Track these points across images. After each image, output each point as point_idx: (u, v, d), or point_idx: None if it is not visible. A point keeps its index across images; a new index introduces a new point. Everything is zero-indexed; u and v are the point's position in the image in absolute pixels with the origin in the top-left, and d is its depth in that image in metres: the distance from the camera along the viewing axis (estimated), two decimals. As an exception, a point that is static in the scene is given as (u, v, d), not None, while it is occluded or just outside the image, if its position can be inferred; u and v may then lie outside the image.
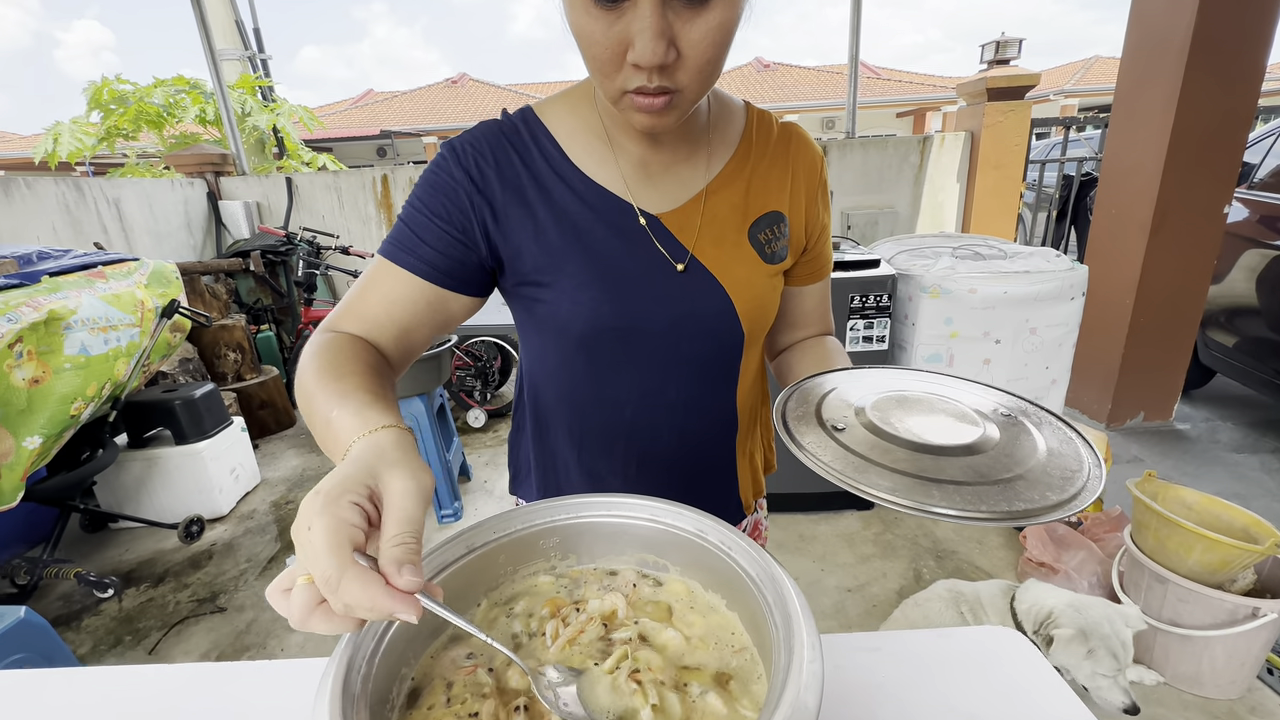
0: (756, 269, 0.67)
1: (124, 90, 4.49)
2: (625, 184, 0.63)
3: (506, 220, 0.61)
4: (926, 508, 0.41)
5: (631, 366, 0.67)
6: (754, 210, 0.67)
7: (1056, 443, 0.49)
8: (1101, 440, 2.04)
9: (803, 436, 0.50)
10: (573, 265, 0.62)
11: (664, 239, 0.64)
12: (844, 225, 3.97)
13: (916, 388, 0.59)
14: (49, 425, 1.93)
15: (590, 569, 0.51)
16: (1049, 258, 2.13)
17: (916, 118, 13.43)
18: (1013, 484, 0.43)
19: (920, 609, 1.67)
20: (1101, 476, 0.44)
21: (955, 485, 0.43)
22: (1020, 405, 0.56)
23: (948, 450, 0.48)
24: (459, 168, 0.60)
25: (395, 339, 0.60)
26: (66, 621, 2.01)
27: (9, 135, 14.05)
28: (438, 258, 0.59)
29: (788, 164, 0.70)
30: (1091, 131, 5.66)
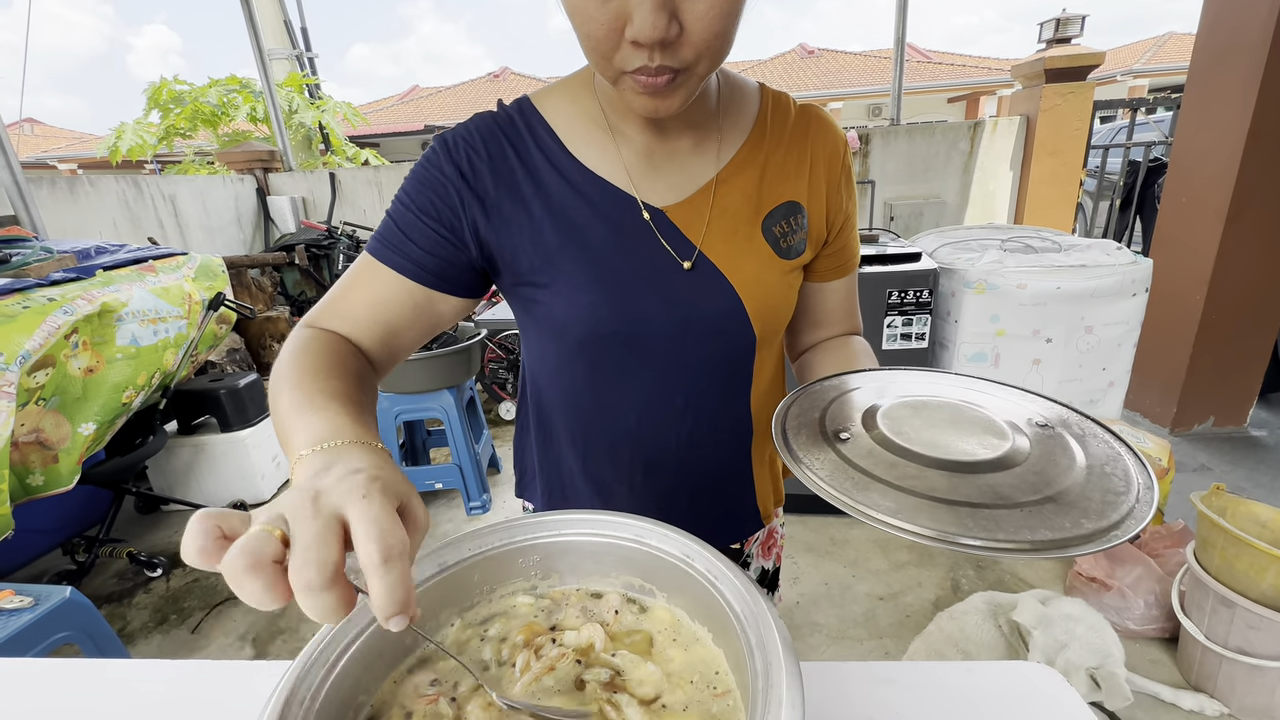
0: (770, 265, 0.62)
1: (181, 91, 4.69)
2: (628, 175, 0.59)
3: (499, 217, 0.58)
4: (929, 534, 0.36)
5: (635, 372, 0.63)
6: (768, 201, 0.62)
7: (1101, 459, 0.43)
8: (1164, 447, 1.90)
9: (799, 445, 0.45)
10: (570, 265, 0.58)
11: (670, 235, 0.60)
12: (886, 217, 3.82)
13: (941, 393, 0.54)
14: (102, 412, 2.03)
15: (574, 589, 0.48)
16: (1109, 250, 1.98)
17: (969, 103, 12.84)
18: (1040, 508, 0.38)
19: (956, 622, 1.58)
20: (1152, 501, 0.38)
21: (970, 508, 0.38)
22: (1062, 414, 0.50)
23: (966, 466, 0.42)
24: (449, 162, 0.57)
25: (380, 341, 0.58)
26: (119, 598, 2.12)
27: (87, 136, 14.97)
28: (425, 257, 0.57)
29: (806, 149, 0.64)
30: (1162, 114, 5.27)
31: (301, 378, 0.47)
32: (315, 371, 0.48)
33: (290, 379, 0.47)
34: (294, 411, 0.43)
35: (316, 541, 0.29)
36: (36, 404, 1.89)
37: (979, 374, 1.83)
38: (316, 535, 0.29)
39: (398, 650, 0.42)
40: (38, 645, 1.28)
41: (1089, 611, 1.38)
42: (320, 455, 0.37)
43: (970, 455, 0.43)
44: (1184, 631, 1.52)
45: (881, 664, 0.62)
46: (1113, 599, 1.69)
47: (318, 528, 0.29)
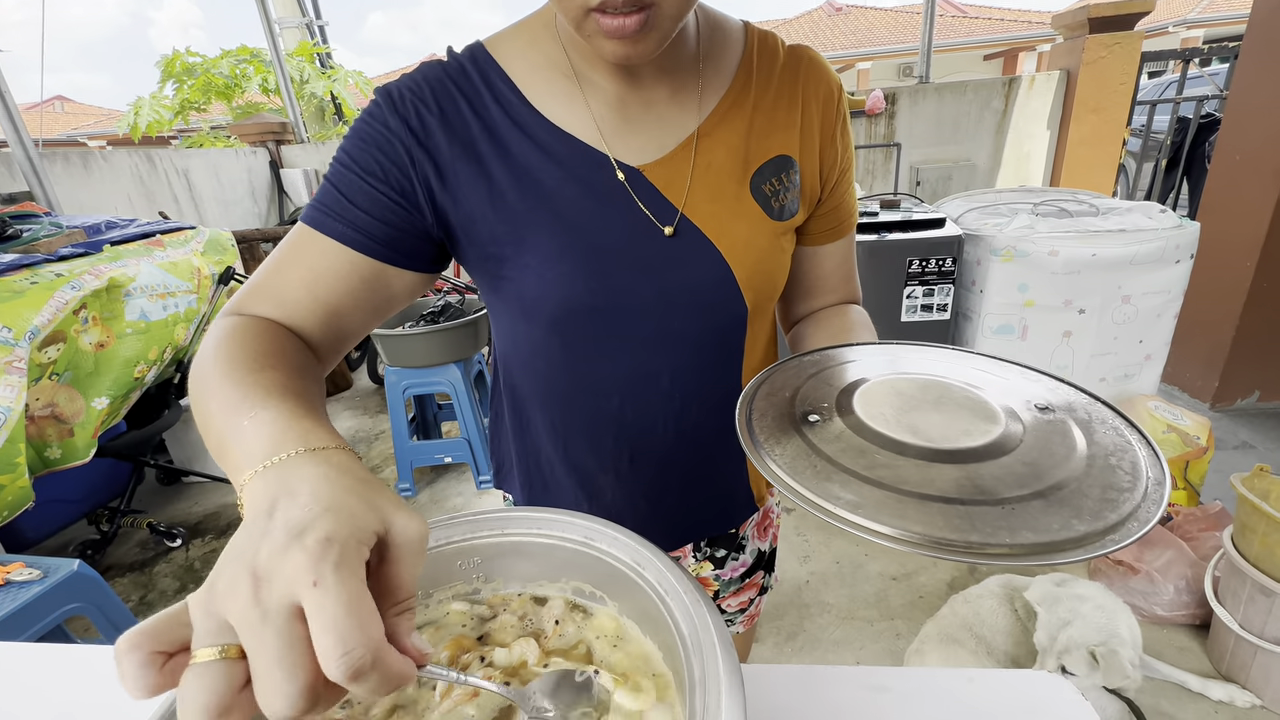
0: (760, 227, 0.56)
1: (193, 62, 4.66)
2: (598, 130, 0.52)
3: (455, 181, 0.51)
4: (889, 532, 0.31)
5: (616, 351, 0.57)
6: (757, 156, 0.55)
7: (1106, 448, 0.37)
8: (1204, 424, 1.79)
9: (762, 429, 0.40)
10: (537, 235, 0.52)
11: (648, 197, 0.53)
12: (912, 182, 3.64)
13: (934, 371, 0.48)
14: (115, 387, 2.05)
15: (515, 595, 0.43)
16: (1151, 213, 1.84)
17: (1007, 60, 12.18)
18: (1025, 505, 0.33)
19: (970, 606, 1.53)
20: (1162, 500, 0.33)
21: (943, 503, 0.33)
22: (1070, 397, 0.44)
23: (946, 455, 0.37)
24: (395, 115, 0.49)
25: (322, 324, 0.51)
26: (140, 567, 2.17)
27: (115, 113, 15.16)
28: (373, 225, 0.49)
29: (797, 95, 0.57)
30: (1217, 66, 4.90)
31: (230, 370, 0.40)
32: (246, 363, 0.41)
33: (216, 375, 0.40)
34: (226, 413, 0.36)
35: (277, 665, 0.23)
36: (50, 379, 1.91)
37: (1004, 349, 1.72)
38: (275, 658, 0.23)
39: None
40: (47, 617, 1.30)
41: (1104, 594, 1.31)
42: (263, 481, 0.29)
43: (952, 442, 0.38)
44: (1216, 619, 1.44)
45: (876, 669, 0.57)
46: (1140, 583, 1.61)
47: (272, 643, 0.23)
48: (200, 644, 0.24)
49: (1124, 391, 1.96)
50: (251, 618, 0.23)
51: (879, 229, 1.93)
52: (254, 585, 0.24)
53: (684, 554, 0.75)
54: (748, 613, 0.82)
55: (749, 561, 0.78)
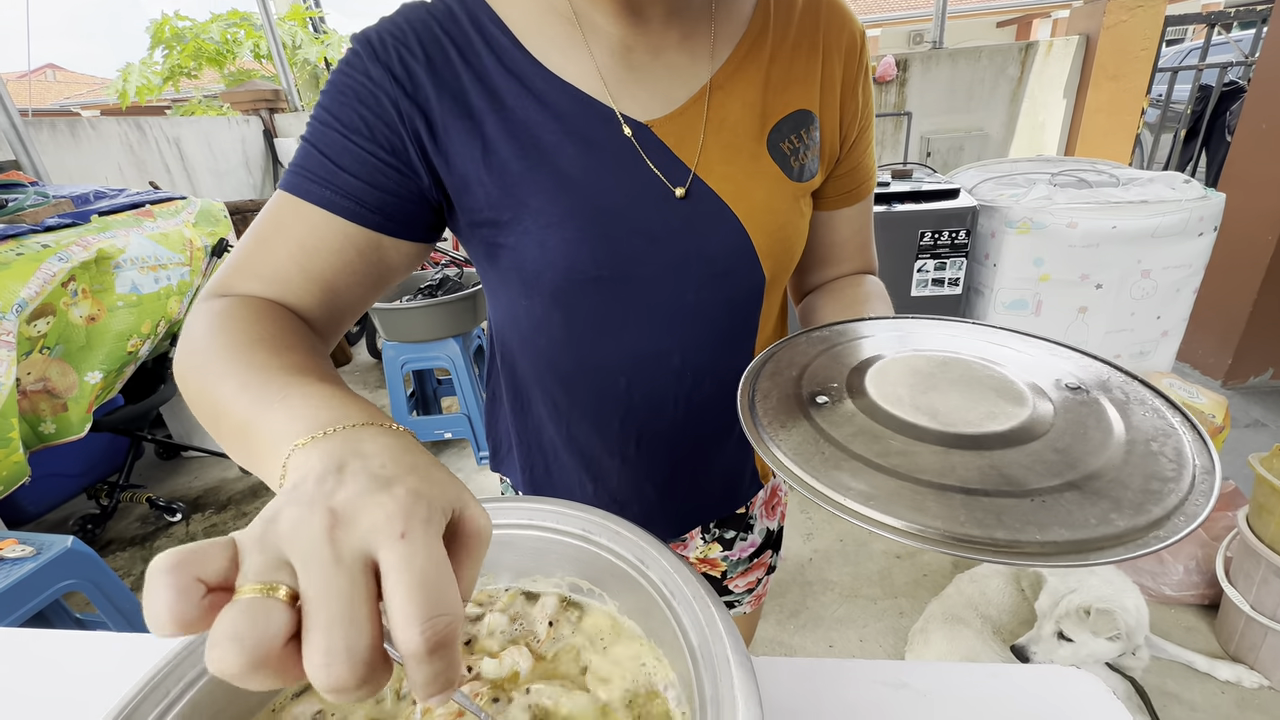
0: (780, 189, 0.51)
1: (183, 27, 4.52)
2: (602, 81, 0.47)
3: (447, 138, 0.46)
4: (905, 527, 0.28)
5: (623, 326, 0.52)
6: (775, 110, 0.50)
7: (1147, 433, 0.34)
8: (1220, 403, 1.74)
9: (765, 411, 0.36)
10: (537, 198, 0.47)
11: (657, 155, 0.48)
12: (923, 152, 3.54)
13: (955, 347, 0.43)
14: (108, 361, 2.02)
15: (504, 589, 0.39)
16: (1174, 184, 1.77)
17: (1020, 27, 11.82)
18: (1058, 497, 0.29)
19: (977, 585, 1.51)
20: (1211, 492, 0.30)
21: (965, 495, 0.30)
22: (1102, 374, 0.40)
23: (969, 440, 0.33)
24: (376, 64, 0.44)
25: (319, 302, 0.45)
26: (141, 542, 2.17)
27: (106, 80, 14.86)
28: (364, 190, 0.44)
29: (817, 43, 0.51)
30: (1240, 33, 4.72)
31: (239, 354, 0.35)
32: (257, 345, 0.36)
33: (222, 360, 0.35)
34: (248, 398, 0.32)
35: (345, 618, 0.19)
36: (40, 352, 1.88)
37: (1016, 325, 1.65)
38: (344, 608, 0.19)
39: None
40: (41, 594, 1.29)
41: (1114, 571, 1.30)
42: (324, 445, 0.25)
43: (975, 427, 0.35)
44: (1226, 600, 1.42)
45: (892, 664, 0.54)
46: (1148, 562, 1.58)
47: (344, 590, 0.19)
48: (249, 579, 0.20)
49: (1139, 368, 1.91)
50: (323, 556, 0.20)
51: (889, 199, 1.87)
52: (330, 523, 0.20)
53: (692, 536, 0.72)
54: (755, 592, 0.80)
55: (758, 541, 0.75)
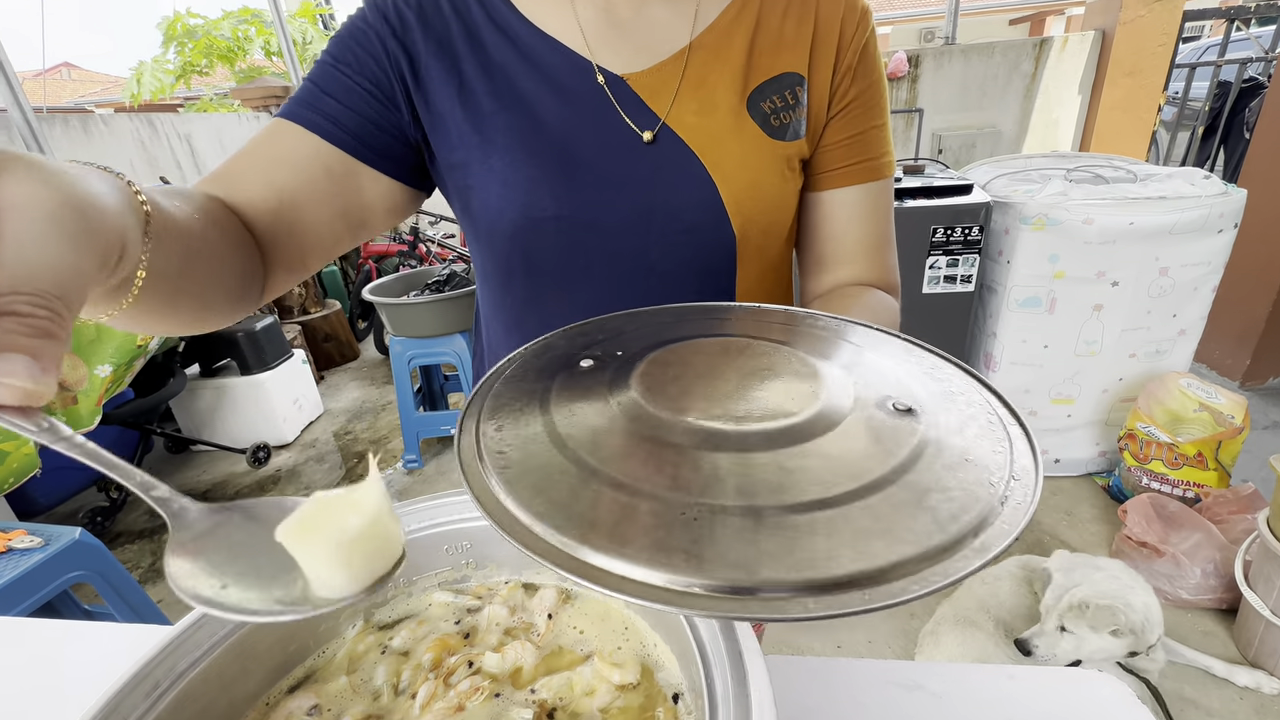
0: (757, 145, 0.49)
1: (194, 24, 4.54)
2: (583, 35, 0.49)
3: (428, 78, 0.48)
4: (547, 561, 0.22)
5: (586, 277, 0.52)
6: (759, 72, 0.50)
7: (963, 444, 0.28)
8: (1240, 404, 1.71)
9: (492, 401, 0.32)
10: (504, 136, 0.48)
11: (630, 105, 0.48)
12: (935, 149, 3.50)
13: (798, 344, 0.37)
14: (117, 355, 2.03)
15: (502, 582, 0.38)
16: (1194, 180, 1.73)
17: (1033, 25, 11.67)
18: (804, 518, 0.23)
19: (988, 587, 1.48)
20: (1020, 522, 0.23)
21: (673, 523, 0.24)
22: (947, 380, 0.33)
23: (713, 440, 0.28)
24: (374, 11, 0.48)
25: (271, 211, 0.44)
26: (150, 534, 2.18)
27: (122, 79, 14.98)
28: (343, 112, 0.46)
29: (810, 11, 0.51)
30: (1260, 29, 4.64)
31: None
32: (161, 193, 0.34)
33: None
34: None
35: None
36: (51, 346, 1.89)
37: (1029, 322, 1.62)
38: None
39: (274, 665, 0.33)
40: (49, 584, 1.29)
41: (1124, 569, 1.27)
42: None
43: (735, 424, 0.29)
44: (1245, 604, 1.39)
45: (906, 664, 0.52)
46: (1165, 565, 1.55)
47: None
48: None
49: (1155, 368, 1.87)
50: None
51: (900, 195, 1.84)
52: None
53: None
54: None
55: None
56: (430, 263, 3.20)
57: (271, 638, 0.32)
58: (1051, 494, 1.96)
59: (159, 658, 0.27)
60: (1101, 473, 2.03)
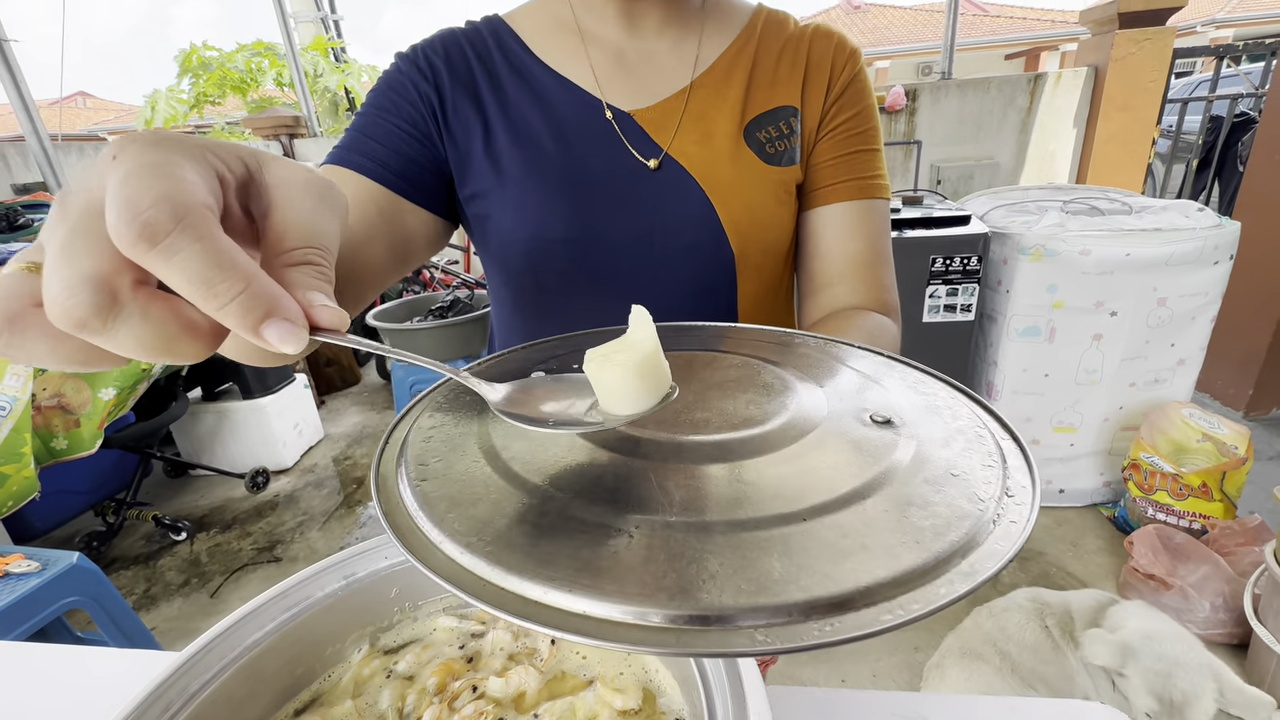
0: (753, 170, 0.53)
1: (209, 57, 4.67)
2: (594, 77, 0.53)
3: (455, 119, 0.53)
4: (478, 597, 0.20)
5: (593, 294, 0.54)
6: (755, 106, 0.54)
7: (948, 457, 0.26)
8: (1242, 434, 1.70)
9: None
10: (519, 167, 0.52)
11: (635, 138, 0.52)
12: (933, 180, 3.56)
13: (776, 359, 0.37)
14: (121, 378, 2.04)
15: (510, 612, 0.38)
16: (1188, 212, 1.76)
17: (1029, 59, 11.96)
18: (759, 535, 0.21)
19: (995, 620, 1.46)
20: (1015, 543, 0.21)
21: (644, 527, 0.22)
22: (932, 395, 0.32)
23: (661, 451, 0.27)
24: (409, 64, 0.54)
25: (345, 256, 0.46)
26: (145, 560, 2.16)
27: (134, 108, 15.34)
28: (388, 155, 0.50)
29: (802, 54, 0.55)
30: (1250, 65, 4.75)
31: None
32: None
33: None
34: None
35: (60, 251, 0.18)
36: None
37: (1029, 352, 1.62)
38: (60, 244, 0.18)
39: (281, 688, 0.33)
40: (45, 609, 1.28)
41: (1158, 619, 1.22)
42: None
43: (705, 432, 0.28)
44: (1256, 639, 1.36)
45: (909, 695, 0.51)
46: (1173, 599, 1.53)
47: (62, 233, 0.18)
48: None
49: (1156, 397, 1.87)
50: (52, 218, 0.19)
51: (900, 225, 1.87)
52: (61, 198, 0.19)
53: None
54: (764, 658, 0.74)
55: None
56: (434, 289, 3.23)
57: (279, 661, 0.32)
58: (1057, 524, 1.94)
59: (172, 679, 0.28)
60: (1107, 503, 2.01)
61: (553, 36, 0.55)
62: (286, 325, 0.19)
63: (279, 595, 0.34)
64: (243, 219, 0.22)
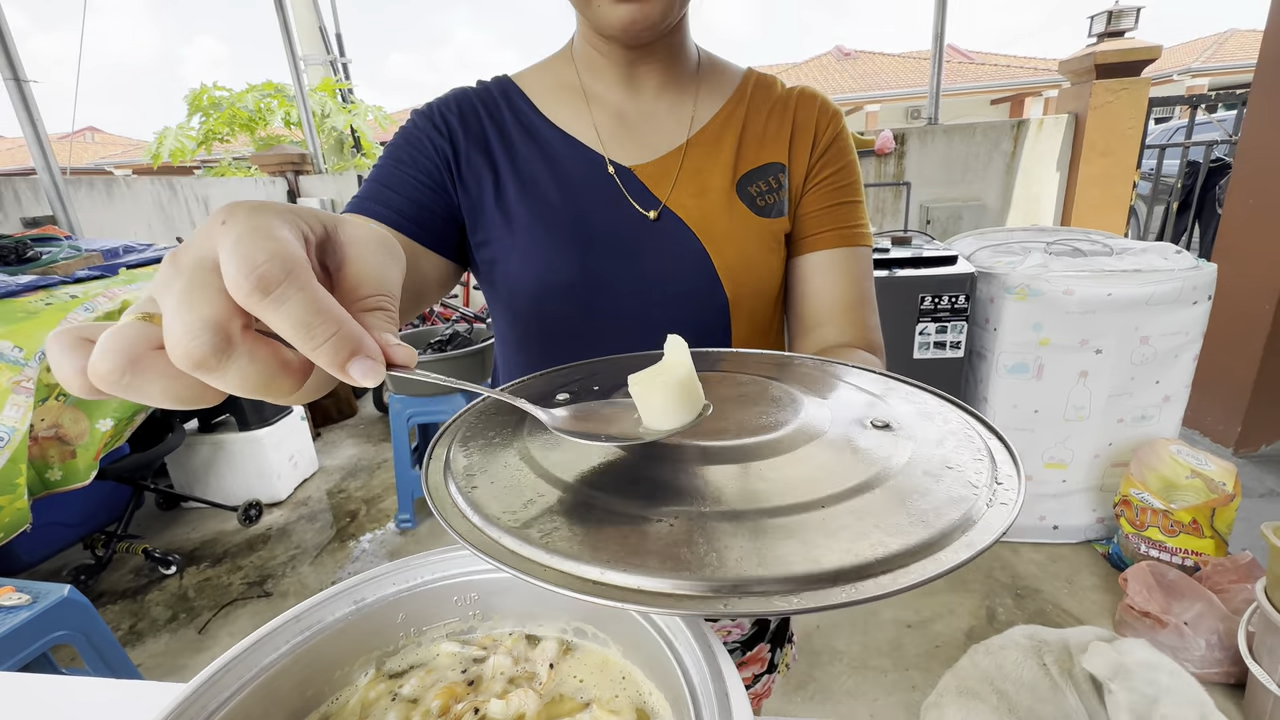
0: (745, 222, 0.57)
1: (220, 96, 4.81)
2: (597, 134, 0.57)
3: (468, 170, 0.57)
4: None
5: (594, 335, 0.58)
6: (746, 162, 0.58)
7: (942, 454, 0.30)
8: (1229, 470, 1.73)
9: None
10: (527, 218, 0.56)
11: (635, 191, 0.56)
12: (923, 220, 3.66)
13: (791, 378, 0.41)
14: (120, 409, 2.05)
15: (507, 634, 0.40)
16: (1166, 254, 1.82)
17: (1013, 104, 12.39)
18: (782, 521, 0.25)
19: (992, 658, 1.45)
20: (1008, 519, 0.25)
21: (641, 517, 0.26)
22: (923, 404, 0.36)
23: (687, 455, 0.30)
24: (424, 119, 0.57)
25: None
26: (133, 595, 2.13)
27: (142, 143, 15.64)
28: (405, 203, 0.54)
29: (789, 115, 0.60)
30: (1224, 113, 4.95)
31: None
32: None
33: None
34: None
35: (180, 300, 0.20)
36: (57, 399, 1.91)
37: (1018, 388, 1.64)
38: (180, 295, 0.20)
39: (292, 709, 0.35)
40: (34, 644, 1.26)
41: (1161, 657, 1.23)
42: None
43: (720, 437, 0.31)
44: (1252, 679, 1.36)
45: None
46: (1168, 637, 1.53)
47: (181, 286, 0.20)
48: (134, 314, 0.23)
49: (1144, 433, 1.90)
50: (167, 276, 0.21)
51: (890, 265, 1.93)
52: (172, 258, 0.22)
53: None
54: (753, 690, 0.73)
55: (746, 624, 0.70)
56: (434, 322, 3.26)
57: (291, 682, 0.33)
58: (1051, 561, 1.95)
59: (193, 697, 0.29)
60: (1101, 539, 2.02)
61: (559, 97, 0.59)
62: (369, 362, 0.22)
63: (293, 619, 0.35)
64: (321, 272, 0.25)
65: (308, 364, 0.22)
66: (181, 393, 0.21)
